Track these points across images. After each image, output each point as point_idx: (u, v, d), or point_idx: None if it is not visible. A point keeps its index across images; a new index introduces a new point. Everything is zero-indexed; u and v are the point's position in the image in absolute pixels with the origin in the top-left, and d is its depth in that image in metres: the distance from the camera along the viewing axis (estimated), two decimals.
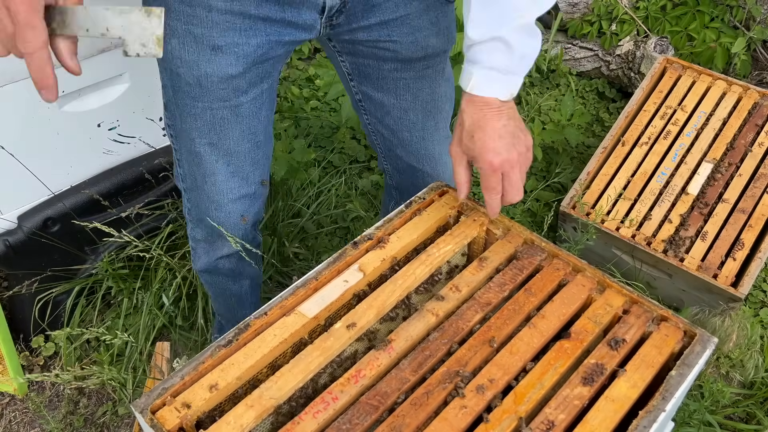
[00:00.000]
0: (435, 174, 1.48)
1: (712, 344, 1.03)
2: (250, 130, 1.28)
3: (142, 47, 0.87)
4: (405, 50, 1.27)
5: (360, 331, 1.04)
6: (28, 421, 1.89)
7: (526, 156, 1.12)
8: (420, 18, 1.24)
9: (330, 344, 1.01)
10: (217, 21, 1.12)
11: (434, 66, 1.34)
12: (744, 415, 1.79)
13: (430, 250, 1.16)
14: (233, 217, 1.40)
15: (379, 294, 1.09)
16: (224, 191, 1.35)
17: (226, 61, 1.16)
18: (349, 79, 1.39)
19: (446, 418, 0.94)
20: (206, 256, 1.53)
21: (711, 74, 2.26)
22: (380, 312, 1.07)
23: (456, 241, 1.18)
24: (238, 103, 1.23)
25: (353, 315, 1.05)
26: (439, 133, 1.44)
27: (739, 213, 1.98)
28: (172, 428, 0.94)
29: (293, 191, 2.33)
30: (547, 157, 2.60)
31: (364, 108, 1.43)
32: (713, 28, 2.76)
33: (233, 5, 1.10)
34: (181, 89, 1.22)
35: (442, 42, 1.31)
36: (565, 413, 0.95)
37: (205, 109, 1.23)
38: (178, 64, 1.18)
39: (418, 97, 1.36)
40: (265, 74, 1.23)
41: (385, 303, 1.08)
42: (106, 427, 1.86)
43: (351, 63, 1.35)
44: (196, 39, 1.14)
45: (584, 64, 2.94)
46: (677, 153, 2.13)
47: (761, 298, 2.10)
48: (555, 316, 1.07)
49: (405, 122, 1.40)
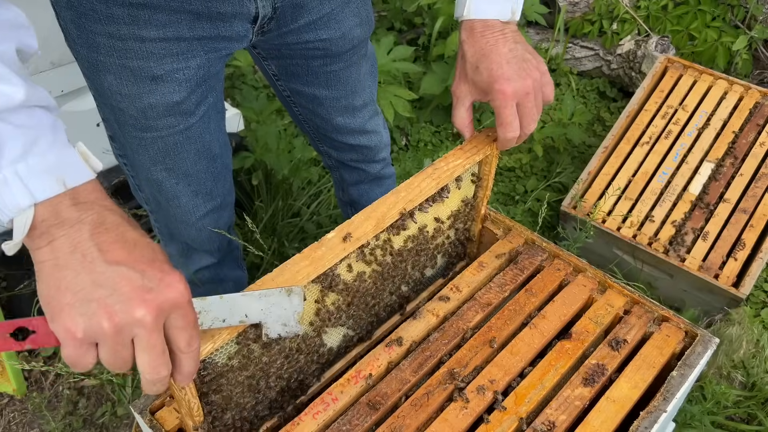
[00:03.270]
0: (371, 144, 1.52)
1: (713, 345, 1.02)
2: (204, 147, 1.25)
3: (283, 327, 0.83)
4: (334, 46, 1.26)
5: (356, 244, 0.94)
6: (27, 422, 1.88)
7: (542, 81, 1.01)
8: (343, 11, 1.23)
9: (321, 254, 0.90)
10: (152, 51, 1.06)
11: (359, 52, 1.34)
12: (745, 416, 1.78)
13: (438, 164, 1.05)
14: (204, 232, 1.39)
15: (379, 205, 0.98)
16: (190, 210, 1.33)
17: (168, 89, 1.11)
18: (276, 80, 1.38)
19: (446, 419, 0.93)
20: (184, 270, 1.50)
21: (712, 74, 2.26)
22: (379, 225, 0.96)
23: (467, 156, 1.06)
24: (187, 126, 1.19)
25: (349, 225, 0.94)
26: (367, 108, 1.46)
27: (740, 213, 1.98)
28: (172, 429, 0.94)
29: (293, 190, 2.33)
30: (548, 157, 2.59)
31: (294, 102, 1.43)
32: (714, 27, 2.76)
33: (166, 32, 1.05)
34: (126, 122, 1.16)
35: (365, 30, 1.31)
36: (566, 414, 0.94)
37: (155, 138, 1.18)
38: (118, 99, 1.12)
39: (348, 83, 1.36)
40: (209, 90, 1.20)
41: (385, 215, 0.97)
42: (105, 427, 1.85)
43: (277, 65, 1.34)
44: (133, 72, 1.08)
45: (585, 64, 2.94)
46: (678, 153, 2.12)
47: (762, 298, 2.10)
48: (556, 316, 1.06)
49: (337, 108, 1.40)
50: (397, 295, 1.13)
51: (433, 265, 1.19)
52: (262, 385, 0.94)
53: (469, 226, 1.21)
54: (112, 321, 0.62)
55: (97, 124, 1.83)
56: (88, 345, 0.63)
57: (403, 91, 2.36)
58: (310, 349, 0.99)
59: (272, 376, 0.95)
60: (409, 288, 1.16)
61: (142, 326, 0.63)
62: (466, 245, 1.25)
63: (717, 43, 2.72)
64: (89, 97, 1.77)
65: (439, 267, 1.22)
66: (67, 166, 0.67)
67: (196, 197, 1.32)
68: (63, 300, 0.62)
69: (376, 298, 1.08)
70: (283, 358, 0.94)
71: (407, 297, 1.17)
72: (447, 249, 1.20)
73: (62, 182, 0.66)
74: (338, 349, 1.06)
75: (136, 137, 1.18)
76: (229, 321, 0.77)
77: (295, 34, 1.21)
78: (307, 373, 1.01)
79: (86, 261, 0.63)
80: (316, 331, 0.98)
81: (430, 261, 1.17)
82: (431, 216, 1.09)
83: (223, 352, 0.84)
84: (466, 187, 1.14)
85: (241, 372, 0.89)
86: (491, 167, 1.11)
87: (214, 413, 0.89)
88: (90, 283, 0.62)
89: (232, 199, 1.45)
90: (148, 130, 1.16)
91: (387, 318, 1.15)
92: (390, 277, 1.08)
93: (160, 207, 1.35)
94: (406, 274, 1.12)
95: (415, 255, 1.11)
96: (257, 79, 2.89)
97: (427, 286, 1.22)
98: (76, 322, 0.61)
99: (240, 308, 0.78)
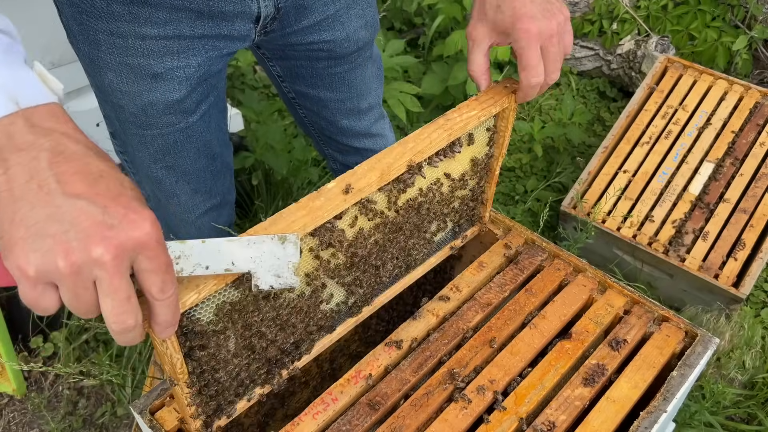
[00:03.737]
0: (377, 147, 1.50)
1: (713, 345, 1.02)
2: (205, 146, 1.26)
3: (276, 278, 0.75)
4: (339, 48, 1.26)
5: (357, 196, 0.86)
6: (27, 422, 1.88)
7: (565, 28, 0.95)
8: (348, 13, 1.23)
9: (319, 205, 0.83)
10: (152, 48, 1.06)
11: (364, 54, 1.34)
12: (745, 416, 1.78)
13: (450, 114, 0.96)
14: (204, 230, 1.39)
15: (384, 156, 0.90)
16: (189, 209, 1.34)
17: (168, 87, 1.11)
18: (280, 81, 1.38)
19: (446, 419, 0.93)
20: None
21: (712, 74, 2.26)
22: (384, 176, 0.89)
23: (482, 107, 0.97)
24: (187, 125, 1.19)
25: (351, 176, 0.86)
26: (373, 111, 1.46)
27: (740, 213, 1.98)
28: (171, 429, 0.94)
29: (293, 190, 2.33)
30: (548, 157, 2.59)
31: (299, 104, 1.43)
32: (714, 27, 2.75)
33: (167, 30, 1.05)
34: (127, 120, 1.16)
35: (370, 33, 1.31)
36: (566, 414, 0.94)
37: (155, 136, 1.18)
38: (119, 97, 1.12)
39: (353, 85, 1.36)
40: (210, 89, 1.20)
41: (390, 166, 0.89)
42: (105, 427, 1.85)
43: (282, 66, 1.33)
44: (133, 70, 1.08)
45: (585, 64, 2.94)
46: (678, 153, 2.12)
47: (762, 298, 2.10)
48: (556, 316, 1.06)
49: (342, 111, 1.40)
50: (403, 260, 1.05)
51: (442, 228, 1.11)
52: (256, 344, 0.87)
53: (483, 187, 1.12)
54: (69, 259, 0.56)
55: (96, 124, 1.82)
56: (44, 285, 0.58)
57: (407, 86, 2.36)
58: (308, 308, 0.92)
59: (264, 336, 0.88)
60: (417, 253, 1.08)
61: (101, 267, 0.56)
62: (478, 209, 1.16)
63: (717, 43, 2.72)
64: (89, 97, 1.78)
65: (448, 231, 1.13)
66: (21, 86, 0.62)
67: (196, 195, 1.32)
68: (16, 234, 0.56)
69: (380, 260, 1.00)
70: (275, 315, 0.87)
71: (413, 262, 1.08)
72: (457, 211, 1.11)
73: (15, 101, 0.60)
74: (337, 312, 0.99)
75: (136, 134, 1.19)
76: (213, 268, 0.70)
77: (299, 35, 1.21)
78: (303, 335, 0.94)
79: (42, 192, 0.57)
80: (312, 289, 0.91)
81: (439, 223, 1.08)
82: (441, 172, 1.00)
83: (210, 304, 0.78)
84: (480, 143, 1.04)
85: (230, 328, 0.82)
86: (508, 122, 1.03)
87: (201, 371, 0.83)
88: (45, 217, 0.56)
89: (232, 198, 1.45)
90: (149, 127, 1.16)
91: (390, 284, 1.06)
92: (395, 238, 1.00)
93: (159, 204, 1.35)
94: (413, 235, 1.04)
95: (422, 215, 1.03)
96: (257, 79, 2.88)
97: (436, 251, 1.13)
98: (29, 259, 0.56)
99: (226, 255, 0.71)
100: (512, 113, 1.02)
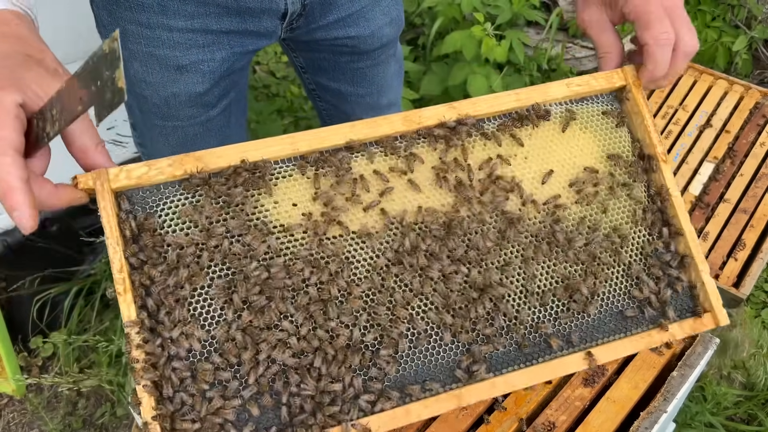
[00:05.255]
0: None
1: (713, 345, 1.02)
2: (224, 141, 1.27)
3: (107, 99, 0.65)
4: (363, 44, 1.27)
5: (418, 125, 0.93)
6: (26, 422, 1.88)
7: None
8: (373, 10, 1.24)
9: (326, 135, 0.92)
10: (179, 41, 1.09)
11: (387, 51, 1.35)
12: (746, 417, 1.78)
13: (524, 90, 0.97)
14: None
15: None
16: None
17: (192, 80, 1.14)
18: (302, 72, 1.40)
19: (447, 419, 0.93)
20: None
21: (712, 74, 2.26)
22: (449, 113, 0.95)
23: (573, 83, 0.98)
24: (208, 118, 1.21)
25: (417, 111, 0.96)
26: (392, 109, 1.47)
27: (740, 213, 1.97)
28: None
29: None
30: None
31: (319, 96, 1.44)
32: (714, 27, 2.75)
33: (194, 23, 1.07)
34: (149, 110, 1.19)
35: (395, 30, 1.32)
36: (566, 414, 0.94)
37: (176, 128, 1.21)
38: (143, 87, 1.15)
39: (374, 81, 1.37)
40: (232, 84, 1.22)
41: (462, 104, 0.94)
42: (104, 428, 1.85)
43: (305, 58, 1.35)
44: (159, 61, 1.11)
45: (585, 64, 2.93)
46: (678, 153, 2.12)
47: (762, 298, 2.10)
48: None
49: (362, 105, 1.41)
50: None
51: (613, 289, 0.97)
52: (204, 260, 0.86)
53: (664, 205, 0.98)
54: None
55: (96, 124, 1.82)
56: None
57: (406, 91, 2.36)
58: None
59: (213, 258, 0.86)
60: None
61: None
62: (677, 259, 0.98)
63: (717, 43, 2.72)
64: None
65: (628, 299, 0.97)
66: None
67: None
68: None
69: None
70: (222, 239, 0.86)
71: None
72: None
73: None
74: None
75: (157, 125, 1.21)
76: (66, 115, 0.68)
77: (323, 30, 1.22)
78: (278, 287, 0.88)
79: None
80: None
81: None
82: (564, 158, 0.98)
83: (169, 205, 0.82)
84: (597, 126, 0.98)
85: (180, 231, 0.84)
86: (637, 104, 0.97)
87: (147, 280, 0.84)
88: None
89: None
90: (170, 119, 1.19)
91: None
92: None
93: None
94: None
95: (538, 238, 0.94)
96: (257, 79, 2.89)
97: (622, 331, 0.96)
98: None
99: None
100: (637, 92, 0.97)
